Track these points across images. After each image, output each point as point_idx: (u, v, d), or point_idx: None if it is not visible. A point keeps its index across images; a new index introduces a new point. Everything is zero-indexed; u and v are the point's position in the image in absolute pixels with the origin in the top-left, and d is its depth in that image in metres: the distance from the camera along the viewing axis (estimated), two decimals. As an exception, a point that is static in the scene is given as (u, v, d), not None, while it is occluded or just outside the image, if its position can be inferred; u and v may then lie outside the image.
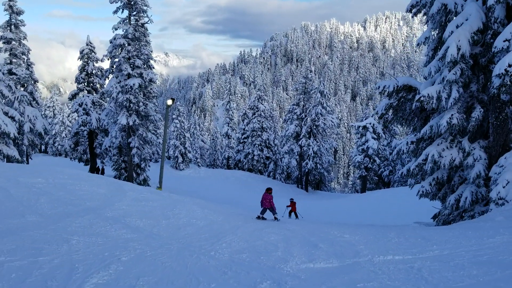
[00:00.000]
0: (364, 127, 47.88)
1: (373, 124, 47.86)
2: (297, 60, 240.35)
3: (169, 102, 30.88)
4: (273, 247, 7.99)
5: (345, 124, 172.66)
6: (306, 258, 6.92)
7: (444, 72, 13.35)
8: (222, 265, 6.19)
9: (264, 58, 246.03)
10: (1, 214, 7.98)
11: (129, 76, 32.17)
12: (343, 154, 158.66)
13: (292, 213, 22.61)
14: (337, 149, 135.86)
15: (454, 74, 13.11)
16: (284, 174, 67.12)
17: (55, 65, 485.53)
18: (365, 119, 50.36)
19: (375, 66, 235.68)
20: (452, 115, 13.13)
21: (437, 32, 15.38)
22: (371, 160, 47.60)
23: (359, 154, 48.04)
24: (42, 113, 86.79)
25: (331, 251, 7.50)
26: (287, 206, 23.63)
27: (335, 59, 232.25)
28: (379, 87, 14.52)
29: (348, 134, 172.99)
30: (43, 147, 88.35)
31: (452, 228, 10.14)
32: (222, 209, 14.29)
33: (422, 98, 12.82)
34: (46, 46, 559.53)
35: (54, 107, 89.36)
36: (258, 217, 14.34)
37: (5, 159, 33.61)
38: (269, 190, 14.79)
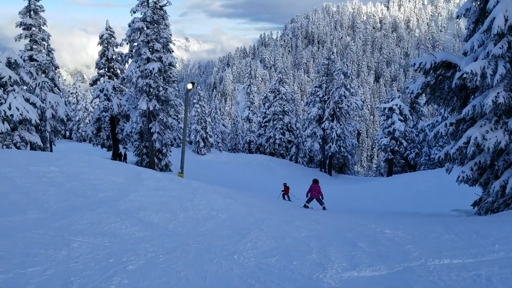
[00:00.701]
0: (390, 109, 46.20)
1: (400, 106, 46.13)
2: (318, 42, 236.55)
3: (189, 86, 30.08)
4: (305, 247, 7.02)
5: (368, 106, 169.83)
6: (347, 263, 5.89)
7: (489, 46, 12.03)
8: (248, 274, 5.22)
9: (284, 41, 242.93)
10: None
11: (148, 60, 31.41)
12: (367, 137, 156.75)
13: (286, 196, 24.98)
14: (360, 131, 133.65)
15: (500, 48, 11.79)
16: (307, 158, 66.07)
17: (78, 52, 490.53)
18: (391, 100, 48.59)
19: (399, 46, 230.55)
20: (498, 93, 11.85)
21: (478, 3, 13.96)
22: (398, 143, 46.03)
23: (385, 137, 46.49)
24: (66, 99, 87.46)
25: (375, 253, 6.44)
26: (282, 191, 25.71)
27: (358, 40, 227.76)
28: (414, 64, 13.21)
29: (372, 116, 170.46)
30: (67, 133, 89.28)
31: (506, 219, 8.96)
32: (244, 197, 13.32)
33: (465, 75, 11.54)
34: (69, 34, 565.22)
35: (77, 94, 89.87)
36: (305, 206, 15.44)
37: (28, 146, 33.51)
38: (316, 182, 15.94)
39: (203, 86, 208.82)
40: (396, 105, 46.03)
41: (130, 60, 33.40)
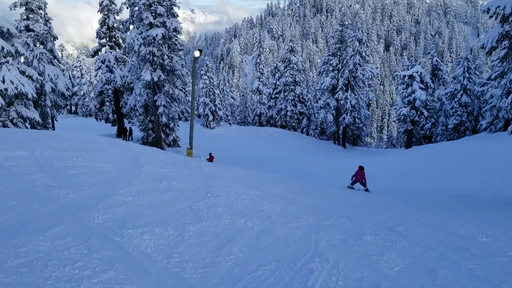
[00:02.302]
0: (411, 76, 43.22)
1: (421, 73, 43.12)
2: (327, 10, 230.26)
3: (197, 53, 27.56)
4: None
5: (378, 75, 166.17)
6: None
7: None
8: None
9: (292, 10, 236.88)
10: None
11: (151, 25, 28.69)
12: (377, 107, 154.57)
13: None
14: (371, 101, 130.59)
15: None
16: (318, 130, 63.70)
17: (84, 27, 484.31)
18: (411, 67, 45.54)
19: (409, 13, 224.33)
20: None
21: None
22: (418, 113, 43.27)
23: (404, 106, 43.70)
24: (70, 73, 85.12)
25: None
26: (207, 159, 27.52)
27: (367, 8, 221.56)
28: (488, 9, 10.49)
29: (382, 86, 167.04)
30: (73, 108, 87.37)
31: None
32: (271, 184, 10.64)
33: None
34: (74, 8, 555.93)
35: (81, 67, 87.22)
36: (349, 187, 17.09)
37: (28, 123, 31.38)
38: (362, 168, 17.15)
39: (210, 58, 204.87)
40: (417, 72, 43.04)
41: (131, 27, 30.72)
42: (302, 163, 34.48)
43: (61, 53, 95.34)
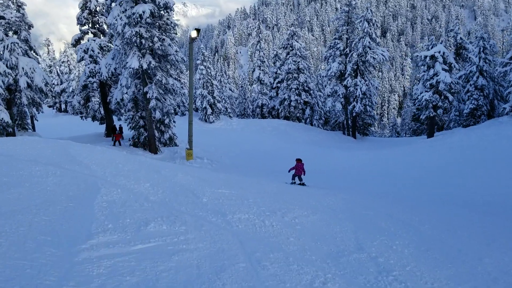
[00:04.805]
0: (432, 57, 38.52)
1: (443, 53, 38.45)
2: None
3: (194, 33, 22.89)
4: None
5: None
6: None
7: None
8: None
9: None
10: None
11: (136, 1, 23.79)
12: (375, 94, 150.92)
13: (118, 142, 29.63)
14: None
15: None
16: (322, 120, 59.27)
17: (75, 23, 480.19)
18: (432, 47, 40.87)
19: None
20: None
21: None
22: (442, 97, 38.65)
23: (426, 91, 39.03)
24: (57, 68, 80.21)
25: None
26: (113, 135, 29.39)
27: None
28: None
29: (380, 73, 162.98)
30: (63, 106, 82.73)
31: None
32: (378, 249, 5.68)
33: None
34: (63, 5, 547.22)
35: (69, 62, 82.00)
36: (293, 183, 16.78)
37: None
38: (300, 160, 16.93)
39: (204, 50, 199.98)
40: (439, 52, 38.35)
41: (113, 4, 25.79)
42: (318, 160, 29.79)
43: (47, 48, 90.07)
